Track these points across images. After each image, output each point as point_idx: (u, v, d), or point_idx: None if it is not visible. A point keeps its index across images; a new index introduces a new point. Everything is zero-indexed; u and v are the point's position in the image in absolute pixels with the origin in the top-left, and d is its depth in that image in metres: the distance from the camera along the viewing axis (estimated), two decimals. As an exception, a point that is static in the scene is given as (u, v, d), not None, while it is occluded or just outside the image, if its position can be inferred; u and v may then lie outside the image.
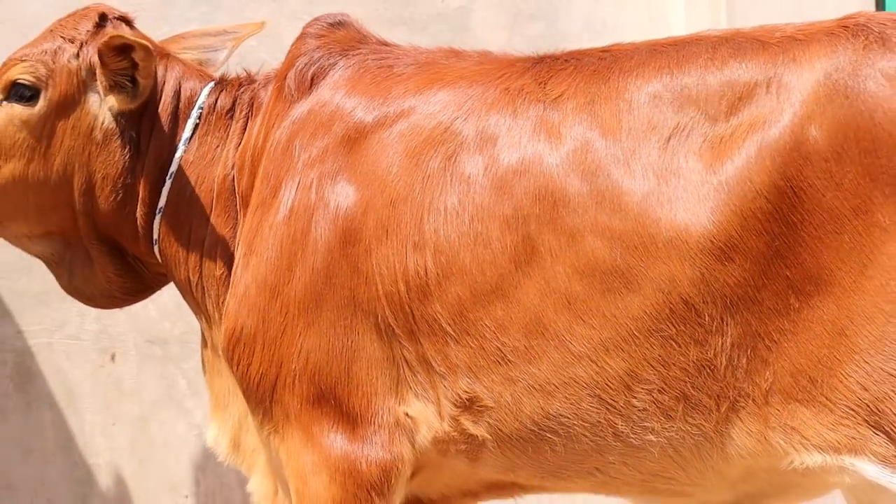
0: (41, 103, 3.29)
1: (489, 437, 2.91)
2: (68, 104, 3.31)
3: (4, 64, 3.36)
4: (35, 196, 3.33)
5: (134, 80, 3.27)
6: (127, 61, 3.24)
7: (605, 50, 3.00)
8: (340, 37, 3.26)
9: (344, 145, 3.04)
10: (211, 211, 3.32)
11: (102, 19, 3.39)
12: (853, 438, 2.65)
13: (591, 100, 2.88)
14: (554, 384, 2.82)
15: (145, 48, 3.22)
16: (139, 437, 4.66)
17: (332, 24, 3.29)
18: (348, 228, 2.97)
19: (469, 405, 2.91)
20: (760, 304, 2.67)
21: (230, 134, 3.34)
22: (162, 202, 3.32)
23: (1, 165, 3.30)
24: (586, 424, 2.83)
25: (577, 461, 2.90)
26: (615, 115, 2.83)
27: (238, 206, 3.27)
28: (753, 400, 2.71)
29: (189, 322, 3.60)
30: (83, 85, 3.32)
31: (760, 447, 2.74)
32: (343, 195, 2.99)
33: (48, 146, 3.30)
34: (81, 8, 3.44)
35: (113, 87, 3.28)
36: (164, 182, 3.32)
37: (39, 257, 3.54)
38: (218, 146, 3.33)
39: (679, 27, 5.16)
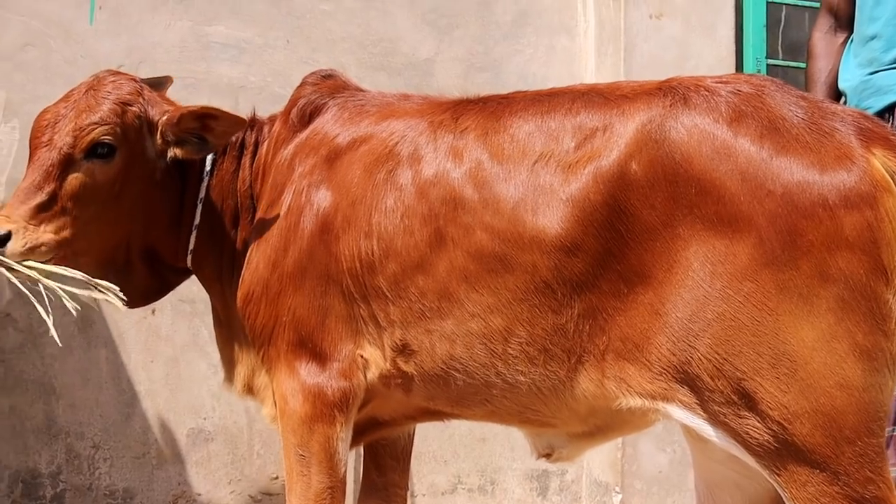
0: (116, 159, 3.27)
1: (416, 373, 3.04)
2: (135, 156, 3.30)
3: (78, 127, 3.23)
4: (107, 232, 3.30)
5: (202, 138, 3.30)
6: (198, 123, 3.29)
7: (505, 96, 3.10)
8: (330, 84, 3.40)
9: (326, 162, 3.19)
10: (233, 219, 3.39)
11: (140, 84, 3.39)
12: (665, 390, 2.71)
13: (486, 132, 2.97)
14: (456, 334, 2.93)
15: (241, 122, 3.30)
16: (171, 371, 4.83)
17: (324, 76, 3.45)
18: (325, 222, 3.11)
19: (402, 350, 3.03)
20: (599, 287, 2.76)
21: (243, 159, 3.43)
22: (196, 220, 3.40)
23: (82, 212, 3.23)
24: (477, 365, 2.94)
25: (473, 393, 3.01)
26: (500, 144, 2.92)
27: (255, 206, 3.38)
28: (594, 356, 2.80)
29: (212, 286, 3.54)
30: (143, 139, 3.32)
31: (599, 391, 2.82)
32: (323, 198, 3.14)
33: (120, 192, 3.28)
34: (105, 74, 3.40)
35: (179, 143, 3.31)
36: (197, 205, 3.40)
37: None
38: (234, 170, 3.42)
39: (590, 80, 5.29)
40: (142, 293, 3.49)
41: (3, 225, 3.16)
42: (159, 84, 3.56)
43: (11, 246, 3.15)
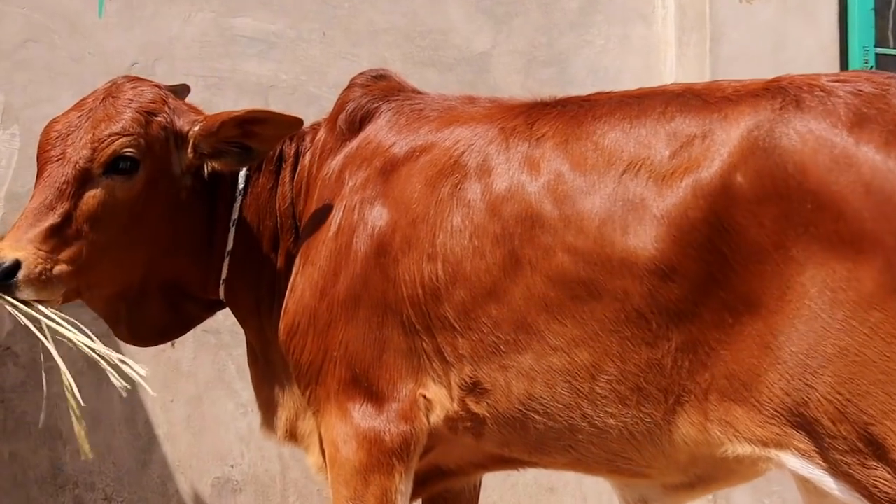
0: (140, 174, 3.28)
1: (488, 415, 3.09)
2: (160, 172, 3.32)
3: (96, 139, 3.24)
4: (126, 260, 3.32)
5: (244, 147, 3.33)
6: (239, 130, 3.32)
7: (585, 98, 3.16)
8: (382, 86, 3.47)
9: (381, 175, 3.25)
10: (273, 242, 3.45)
11: (164, 91, 3.42)
12: (779, 435, 2.72)
13: (566, 139, 3.02)
14: (536, 371, 2.98)
15: (296, 123, 3.34)
16: (194, 412, 4.87)
17: (375, 77, 3.50)
18: (381, 243, 3.17)
19: (473, 388, 3.09)
20: (700, 317, 2.79)
21: (282, 173, 3.47)
22: (230, 245, 3.45)
23: (100, 236, 3.23)
24: (560, 406, 2.98)
25: (555, 438, 3.04)
26: (583, 153, 2.97)
27: (297, 226, 3.43)
28: (695, 396, 2.82)
29: (238, 315, 3.65)
30: (169, 153, 3.34)
31: (701, 436, 2.84)
32: (378, 216, 3.19)
33: (142, 212, 3.28)
34: (123, 80, 3.42)
35: (216, 154, 3.36)
36: (230, 228, 3.44)
37: (101, 315, 3.50)
38: (272, 186, 3.47)
39: (670, 74, 5.35)
40: (158, 330, 3.55)
41: (10, 252, 3.16)
42: (176, 93, 3.60)
43: (23, 276, 3.15)
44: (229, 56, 4.99)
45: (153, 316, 3.46)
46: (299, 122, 3.37)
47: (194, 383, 4.90)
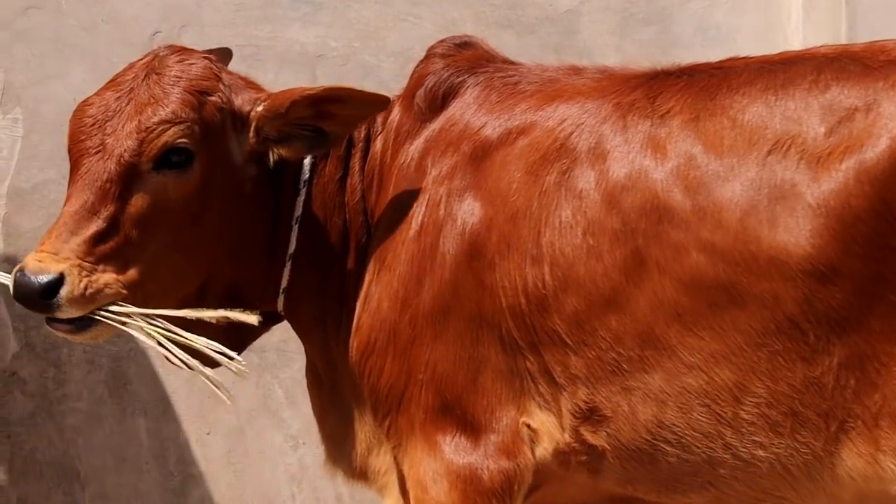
0: (195, 168, 3.27)
1: (608, 447, 3.11)
2: (217, 162, 3.31)
3: (143, 127, 3.22)
4: (184, 268, 3.32)
5: (318, 131, 3.32)
6: (312, 110, 3.30)
7: (717, 66, 3.18)
8: (468, 56, 3.47)
9: (471, 162, 3.26)
10: (342, 242, 3.46)
11: (216, 64, 3.40)
12: None
13: (697, 116, 3.04)
14: (667, 393, 3.01)
15: (383, 102, 3.33)
16: (235, 447, 4.90)
17: (458, 45, 3.50)
18: (474, 243, 3.17)
19: (589, 415, 3.10)
20: (867, 326, 2.82)
21: (352, 161, 3.48)
22: (291, 247, 3.45)
23: (152, 242, 3.23)
24: (697, 434, 3.00)
25: (691, 473, 3.07)
26: (718, 131, 2.99)
27: (369, 224, 3.44)
28: (863, 421, 2.86)
29: (287, 330, 3.70)
30: (227, 139, 3.34)
31: (871, 470, 2.88)
32: (469, 211, 3.20)
33: (200, 212, 3.28)
34: (166, 52, 3.39)
35: (283, 139, 3.35)
36: (292, 227, 3.44)
37: None
38: (341, 177, 3.47)
39: (796, 34, 5.32)
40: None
41: (51, 265, 3.13)
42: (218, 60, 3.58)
43: (66, 293, 3.13)
44: (268, 21, 4.98)
45: (210, 331, 3.38)
46: (386, 100, 3.36)
47: (234, 412, 4.90)
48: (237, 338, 3.52)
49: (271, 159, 3.38)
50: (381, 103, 3.35)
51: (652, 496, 3.22)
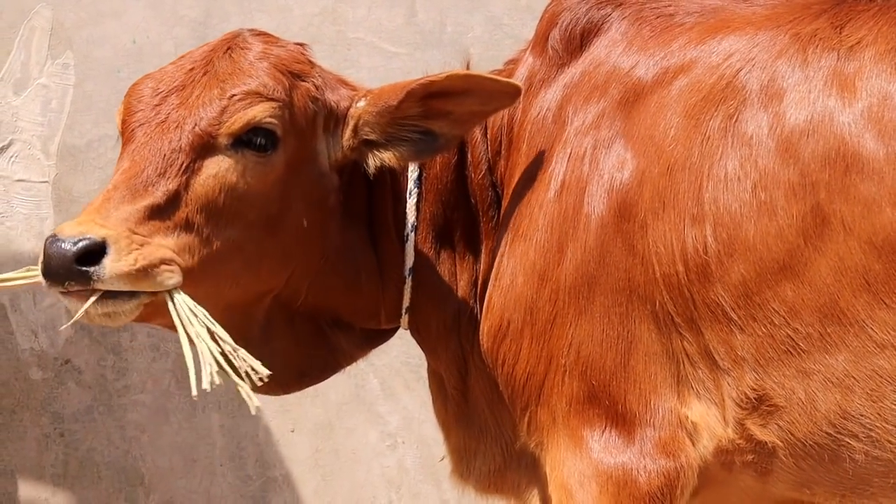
0: (279, 155, 3.26)
1: (780, 443, 3.08)
2: (304, 159, 3.33)
3: (228, 94, 3.23)
4: (244, 272, 3.30)
5: (427, 133, 3.34)
6: (422, 107, 3.32)
7: None
8: None
9: (621, 109, 3.25)
10: (468, 234, 3.50)
11: (306, 50, 3.43)
12: None
13: (894, 47, 3.05)
14: (853, 377, 2.99)
15: (514, 91, 3.30)
16: (323, 445, 4.96)
17: None
18: (623, 202, 3.16)
19: (757, 405, 3.08)
20: None
21: (472, 137, 3.50)
22: (409, 261, 3.48)
23: (219, 232, 3.20)
24: (891, 427, 2.99)
25: (882, 474, 3.06)
26: None
27: (499, 196, 3.48)
28: None
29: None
30: (316, 137, 3.36)
31: None
32: (618, 164, 3.19)
33: (280, 213, 3.29)
34: (245, 34, 3.40)
35: (389, 142, 3.35)
36: (406, 239, 3.47)
37: None
38: (457, 160, 3.50)
39: None
40: (298, 371, 3.55)
41: (95, 229, 3.03)
42: None
43: (110, 264, 3.02)
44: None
45: (289, 353, 3.47)
46: (517, 91, 3.31)
47: (323, 406, 4.95)
48: (332, 359, 3.61)
49: (371, 166, 3.37)
50: (511, 94, 3.30)
51: (834, 502, 3.20)
